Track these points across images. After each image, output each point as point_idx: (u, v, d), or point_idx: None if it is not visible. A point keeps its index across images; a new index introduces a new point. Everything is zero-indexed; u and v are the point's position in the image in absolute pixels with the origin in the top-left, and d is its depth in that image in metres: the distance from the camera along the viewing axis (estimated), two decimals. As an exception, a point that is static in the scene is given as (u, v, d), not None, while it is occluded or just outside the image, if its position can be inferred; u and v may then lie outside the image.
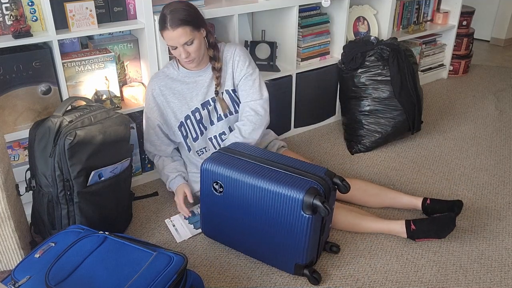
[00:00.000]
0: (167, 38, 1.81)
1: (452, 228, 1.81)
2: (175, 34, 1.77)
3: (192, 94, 1.97)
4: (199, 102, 1.98)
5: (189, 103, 1.97)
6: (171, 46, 1.83)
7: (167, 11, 1.78)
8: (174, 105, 1.97)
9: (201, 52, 1.87)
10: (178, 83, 1.97)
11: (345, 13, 2.66)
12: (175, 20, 1.76)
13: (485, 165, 2.44)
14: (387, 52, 2.49)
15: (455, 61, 3.64)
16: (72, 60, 1.92)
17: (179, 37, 1.78)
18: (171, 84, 1.96)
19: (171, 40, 1.80)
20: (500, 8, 4.37)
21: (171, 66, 1.99)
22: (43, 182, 1.70)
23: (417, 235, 1.84)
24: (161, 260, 1.42)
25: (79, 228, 1.59)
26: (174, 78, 1.97)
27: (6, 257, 1.68)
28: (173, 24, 1.76)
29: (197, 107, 1.98)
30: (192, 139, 2.02)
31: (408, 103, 2.53)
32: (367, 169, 2.41)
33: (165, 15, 1.78)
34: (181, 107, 1.97)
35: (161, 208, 2.13)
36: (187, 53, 1.82)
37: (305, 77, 2.65)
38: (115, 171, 1.79)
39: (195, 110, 1.98)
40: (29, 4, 1.82)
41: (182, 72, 1.97)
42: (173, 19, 1.76)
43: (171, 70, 1.98)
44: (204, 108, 1.98)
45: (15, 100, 1.86)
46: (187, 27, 1.77)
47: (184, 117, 1.98)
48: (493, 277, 1.72)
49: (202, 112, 1.98)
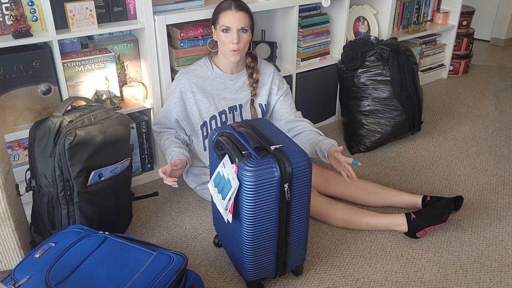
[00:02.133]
0: (227, 18, 1.82)
1: (451, 209, 1.83)
2: (237, 15, 1.81)
3: (220, 95, 1.97)
4: (227, 105, 1.98)
5: (217, 103, 1.97)
6: (226, 27, 1.82)
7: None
8: (202, 103, 1.95)
9: (246, 49, 1.90)
10: (209, 82, 1.95)
11: (345, 13, 2.66)
12: (241, 6, 1.84)
13: (485, 165, 2.44)
14: (387, 52, 2.49)
15: (455, 61, 3.65)
16: (72, 60, 1.92)
17: (240, 20, 1.82)
18: (202, 83, 1.94)
19: (231, 22, 1.81)
20: (500, 8, 4.37)
21: (204, 65, 1.97)
22: (43, 182, 1.70)
23: (418, 225, 1.84)
24: (161, 260, 1.42)
25: (79, 228, 1.59)
26: (206, 77, 1.95)
27: (6, 257, 1.68)
28: (238, 6, 1.83)
29: (224, 109, 1.98)
30: None
31: (408, 103, 2.53)
32: (367, 169, 2.41)
33: (229, 0, 1.85)
34: (209, 107, 1.95)
35: (161, 208, 2.13)
36: (238, 39, 1.82)
37: (305, 77, 2.65)
38: (115, 171, 1.79)
39: (222, 112, 1.98)
40: (29, 4, 1.82)
41: (216, 72, 1.96)
42: (239, 4, 1.85)
43: (204, 69, 1.96)
44: (230, 111, 2.00)
45: (15, 100, 1.86)
46: (248, 15, 1.85)
47: (209, 117, 1.97)
48: (493, 277, 1.72)
49: (228, 115, 1.99)
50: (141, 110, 2.18)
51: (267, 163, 1.42)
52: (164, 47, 2.09)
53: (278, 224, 1.50)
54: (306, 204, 1.52)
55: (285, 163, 1.43)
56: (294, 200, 1.49)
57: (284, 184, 1.43)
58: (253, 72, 1.99)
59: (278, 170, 1.42)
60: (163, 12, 2.07)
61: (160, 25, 2.04)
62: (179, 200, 2.18)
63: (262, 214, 1.46)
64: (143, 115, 2.26)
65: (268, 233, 1.51)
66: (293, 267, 1.67)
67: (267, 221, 1.48)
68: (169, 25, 2.14)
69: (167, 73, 2.14)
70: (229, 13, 1.82)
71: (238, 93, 2.00)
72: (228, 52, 1.86)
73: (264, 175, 1.41)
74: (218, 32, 1.86)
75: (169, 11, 2.09)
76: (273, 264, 1.59)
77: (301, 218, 1.54)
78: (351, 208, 1.95)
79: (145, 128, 2.23)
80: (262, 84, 2.04)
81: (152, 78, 2.12)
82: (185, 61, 2.21)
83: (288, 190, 1.44)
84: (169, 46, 2.15)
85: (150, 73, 2.11)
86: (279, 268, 1.61)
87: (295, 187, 1.47)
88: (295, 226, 1.55)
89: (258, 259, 1.55)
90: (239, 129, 1.58)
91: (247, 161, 1.42)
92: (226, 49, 1.86)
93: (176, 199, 2.19)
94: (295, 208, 1.51)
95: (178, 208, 2.13)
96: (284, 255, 1.59)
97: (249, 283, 1.63)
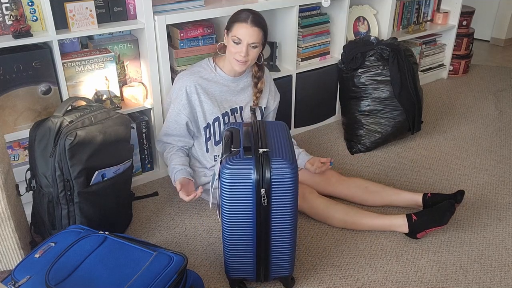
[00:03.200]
0: (240, 31, 1.82)
1: (452, 212, 1.82)
2: (251, 30, 1.81)
3: (223, 98, 1.98)
4: (229, 107, 2.00)
5: (220, 105, 1.97)
6: (238, 39, 1.82)
7: (250, 11, 1.86)
8: (206, 105, 1.94)
9: (253, 62, 1.92)
10: (213, 84, 1.96)
11: (345, 13, 2.66)
12: (257, 21, 1.83)
13: (485, 165, 2.44)
14: (387, 52, 2.49)
15: (455, 61, 3.65)
16: (72, 60, 1.92)
17: (252, 35, 1.82)
18: (205, 84, 1.94)
19: (244, 35, 1.81)
20: (500, 8, 4.37)
21: (207, 67, 1.97)
22: (43, 182, 1.70)
23: (419, 227, 1.84)
24: (161, 260, 1.42)
25: (79, 228, 1.59)
26: (210, 79, 1.95)
27: (6, 257, 1.68)
28: (254, 21, 1.82)
29: (227, 111, 1.99)
30: (214, 142, 2.01)
31: (408, 103, 2.53)
32: (367, 169, 2.41)
33: (248, 12, 1.85)
34: (212, 109, 1.95)
35: (161, 208, 2.13)
36: (247, 54, 1.84)
37: (305, 77, 2.65)
38: (117, 172, 1.79)
39: (225, 114, 1.99)
40: (29, 4, 1.82)
41: (219, 75, 1.97)
42: (256, 19, 1.83)
43: (207, 71, 1.96)
44: (232, 113, 2.01)
45: (15, 100, 1.86)
46: (261, 32, 1.85)
47: (213, 119, 1.96)
48: (493, 277, 1.72)
49: (230, 117, 2.01)
50: (141, 110, 2.18)
51: (246, 164, 1.42)
52: (164, 47, 2.09)
53: (255, 228, 1.49)
54: (290, 213, 1.48)
55: (265, 167, 1.41)
56: (274, 207, 1.46)
57: (260, 189, 1.42)
58: (258, 82, 2.02)
59: (255, 173, 1.41)
60: (163, 12, 2.07)
61: (160, 25, 2.04)
62: (179, 200, 2.18)
63: (239, 214, 1.47)
64: (143, 115, 2.26)
65: (245, 234, 1.51)
66: (277, 277, 1.64)
67: (243, 222, 1.48)
68: (169, 25, 2.13)
69: (167, 73, 2.14)
70: (244, 26, 1.81)
71: (239, 95, 2.01)
72: (234, 61, 1.88)
73: (240, 175, 1.41)
74: (229, 40, 1.87)
75: (169, 11, 2.09)
76: (253, 267, 1.58)
77: (284, 228, 1.50)
78: (351, 209, 1.94)
79: (145, 128, 2.23)
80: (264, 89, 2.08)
81: (152, 78, 2.12)
82: (185, 61, 2.21)
83: (264, 195, 1.42)
84: (169, 46, 2.15)
85: (150, 73, 2.11)
86: (259, 273, 1.60)
87: (275, 195, 1.44)
88: (277, 235, 1.51)
89: (236, 258, 1.56)
90: (245, 127, 1.60)
91: (230, 158, 1.43)
92: (232, 57, 1.87)
93: (176, 199, 2.19)
94: (275, 216, 1.48)
95: (178, 208, 2.13)
96: (265, 261, 1.56)
97: (231, 280, 1.65)
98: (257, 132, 1.57)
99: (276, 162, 1.42)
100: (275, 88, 2.17)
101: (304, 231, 1.96)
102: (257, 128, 1.60)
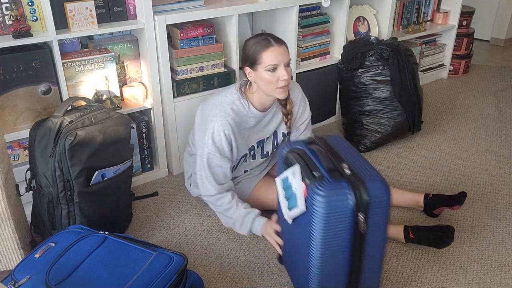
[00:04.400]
0: (272, 55, 1.69)
1: (450, 242, 1.82)
2: (281, 50, 1.70)
3: (251, 134, 1.89)
4: (255, 141, 1.91)
5: (247, 142, 1.89)
6: (273, 65, 1.69)
7: (263, 34, 1.75)
8: (238, 144, 1.83)
9: None
10: (244, 123, 1.82)
11: (345, 13, 2.66)
12: (279, 39, 1.74)
13: (485, 165, 2.44)
14: (387, 52, 2.49)
15: (455, 61, 3.65)
16: (72, 60, 1.92)
17: (285, 54, 1.72)
18: (239, 124, 1.80)
19: (278, 57, 1.69)
20: (500, 8, 4.37)
21: (240, 104, 1.80)
22: (43, 182, 1.70)
23: (415, 242, 1.85)
24: (161, 260, 1.42)
25: (79, 228, 1.59)
26: (242, 118, 1.81)
27: (6, 257, 1.68)
28: (278, 41, 1.73)
29: (253, 145, 1.92)
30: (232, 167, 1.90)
31: (408, 103, 2.53)
32: (367, 169, 2.41)
33: (265, 37, 1.74)
34: (242, 147, 1.86)
35: (161, 208, 2.13)
36: (289, 74, 1.71)
37: (305, 77, 2.65)
38: (117, 172, 1.79)
39: (251, 148, 1.92)
40: (29, 4, 1.82)
41: (251, 112, 1.82)
42: (277, 38, 1.74)
43: (239, 108, 1.80)
44: (258, 146, 1.94)
45: (15, 100, 1.86)
46: (287, 48, 1.75)
47: (241, 156, 1.88)
48: (493, 277, 1.72)
49: (256, 149, 1.94)
50: (141, 110, 2.18)
51: (341, 188, 1.26)
52: (164, 47, 2.09)
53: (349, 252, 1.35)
54: (382, 236, 1.36)
55: (361, 190, 1.27)
56: (369, 232, 1.32)
57: (359, 214, 1.28)
58: (286, 104, 1.88)
59: (354, 197, 1.26)
60: (163, 12, 2.07)
61: (160, 25, 2.04)
62: (179, 200, 2.18)
63: (332, 244, 1.31)
64: (143, 115, 2.26)
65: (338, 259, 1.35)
66: None
67: (337, 251, 1.33)
68: (169, 25, 2.13)
69: (167, 73, 2.14)
70: (273, 49, 1.69)
71: (266, 127, 1.92)
72: (276, 90, 1.74)
73: (337, 202, 1.26)
74: (261, 73, 1.72)
75: (169, 11, 2.09)
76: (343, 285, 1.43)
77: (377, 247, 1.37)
78: None
79: (145, 128, 2.23)
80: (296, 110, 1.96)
81: (152, 78, 2.12)
82: (185, 61, 2.21)
83: (364, 220, 1.29)
84: (169, 46, 2.15)
85: (150, 73, 2.11)
86: None
87: (372, 218, 1.30)
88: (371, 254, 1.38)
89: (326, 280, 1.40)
90: (310, 146, 1.44)
91: (319, 184, 1.27)
92: (274, 87, 1.73)
93: (176, 199, 2.19)
94: (370, 241, 1.34)
95: (178, 208, 2.13)
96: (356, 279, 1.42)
97: None
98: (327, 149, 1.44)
99: (370, 182, 1.29)
100: (305, 104, 2.00)
101: (304, 231, 1.96)
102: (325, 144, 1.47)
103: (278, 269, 1.75)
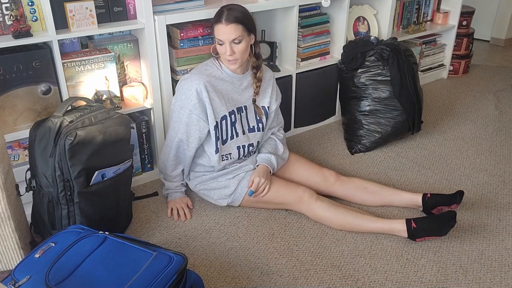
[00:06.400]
0: (219, 31, 1.86)
1: (453, 224, 1.81)
2: (227, 29, 1.83)
3: (229, 96, 1.98)
4: (235, 105, 2.00)
5: (227, 103, 1.97)
6: (219, 40, 1.87)
7: (225, 8, 1.87)
8: (214, 103, 1.92)
9: (245, 55, 1.92)
10: (220, 81, 1.95)
11: (345, 13, 2.66)
12: (231, 17, 1.84)
13: (485, 165, 2.44)
14: (387, 52, 2.49)
15: (455, 61, 3.65)
16: (72, 60, 1.92)
17: (230, 33, 1.84)
18: (214, 82, 1.93)
19: (222, 34, 1.85)
20: (500, 8, 4.37)
21: (214, 65, 1.97)
22: (43, 182, 1.70)
23: (418, 234, 1.84)
24: (161, 260, 1.42)
25: (79, 228, 1.59)
26: (217, 77, 1.95)
27: (6, 257, 1.68)
28: (228, 19, 1.84)
29: (233, 109, 2.00)
30: (222, 141, 1.99)
31: (408, 103, 2.53)
32: (367, 169, 2.41)
33: (222, 10, 1.87)
34: (220, 107, 1.94)
35: (161, 208, 2.13)
36: (232, 51, 1.86)
37: (305, 77, 2.65)
38: (117, 172, 1.79)
39: (231, 112, 1.99)
40: (29, 4, 1.82)
41: (225, 72, 1.97)
42: (229, 15, 1.85)
43: (214, 69, 1.96)
44: (238, 112, 2.02)
45: (15, 100, 1.86)
46: (240, 25, 1.85)
47: (220, 117, 1.96)
48: (493, 277, 1.72)
49: (236, 115, 2.01)
50: (141, 110, 2.18)
51: None
52: (164, 47, 2.09)
53: None
54: None
55: None
56: None
57: None
58: (257, 72, 2.02)
59: None
60: (163, 12, 2.07)
61: (160, 25, 2.04)
62: (179, 200, 2.18)
63: None
64: (143, 115, 2.26)
65: None
66: None
67: None
68: (169, 25, 2.13)
69: (167, 73, 2.14)
70: (220, 26, 1.85)
71: (243, 94, 2.02)
72: (226, 61, 1.92)
73: None
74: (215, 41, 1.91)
75: (169, 11, 2.09)
76: None
77: None
78: (351, 212, 1.93)
79: (145, 128, 2.23)
80: (265, 87, 2.08)
81: (152, 78, 2.12)
82: (185, 61, 2.21)
83: None
84: (169, 46, 2.15)
85: (150, 73, 2.11)
86: None
87: None
88: None
89: None
90: None
91: None
92: (224, 58, 1.91)
93: (176, 199, 2.19)
94: None
95: (178, 208, 2.13)
96: None
97: None
98: None
99: None
100: (278, 89, 2.17)
101: (304, 231, 1.96)
102: None
103: (278, 269, 1.76)
